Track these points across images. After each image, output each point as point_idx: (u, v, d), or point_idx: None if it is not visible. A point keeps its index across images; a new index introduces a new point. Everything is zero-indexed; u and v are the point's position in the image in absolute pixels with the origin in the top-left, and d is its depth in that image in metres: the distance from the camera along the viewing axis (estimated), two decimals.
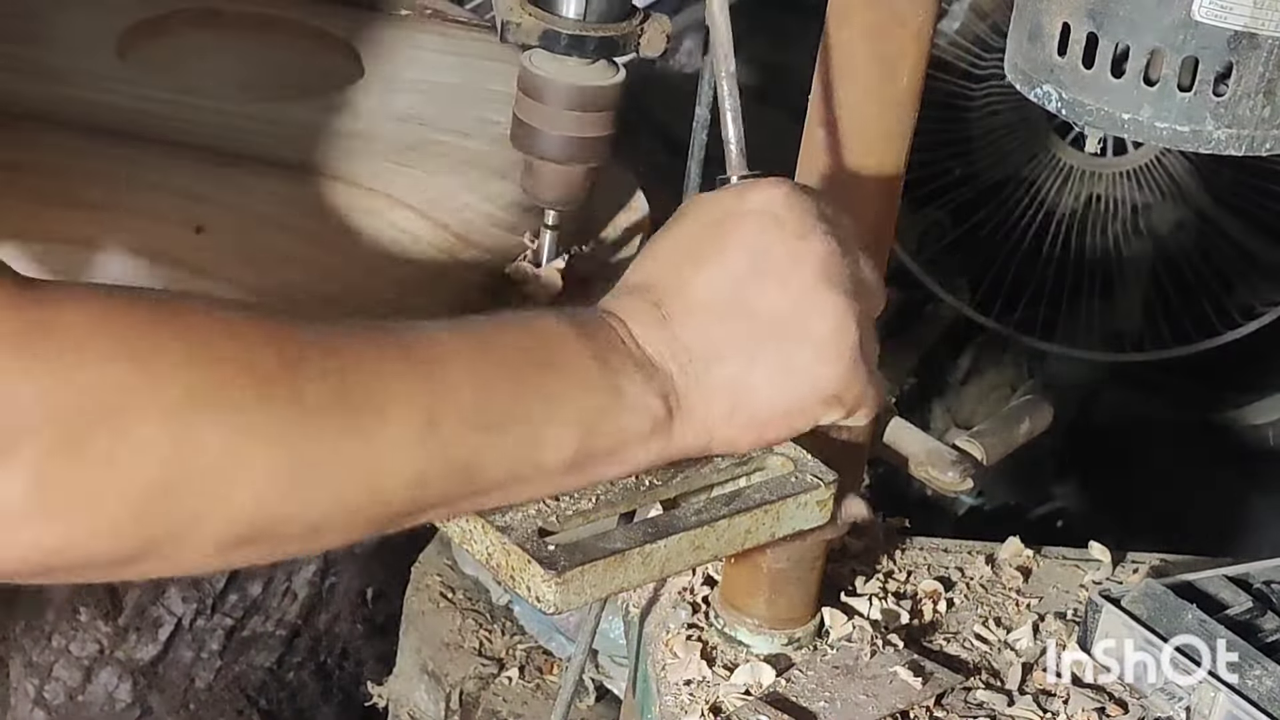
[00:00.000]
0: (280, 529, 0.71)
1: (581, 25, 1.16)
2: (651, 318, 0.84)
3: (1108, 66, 0.92)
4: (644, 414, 0.82)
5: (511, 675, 1.63)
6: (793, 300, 0.84)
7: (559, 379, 0.79)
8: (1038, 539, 1.30)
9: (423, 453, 0.73)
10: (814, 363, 0.85)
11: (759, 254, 0.84)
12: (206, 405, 0.66)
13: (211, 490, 0.67)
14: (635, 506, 0.94)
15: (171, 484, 0.66)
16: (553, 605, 0.87)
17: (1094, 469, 2.07)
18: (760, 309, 0.84)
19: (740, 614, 1.15)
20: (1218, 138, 0.92)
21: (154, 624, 2.06)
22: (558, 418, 0.79)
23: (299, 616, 2.09)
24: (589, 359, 0.80)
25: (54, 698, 2.05)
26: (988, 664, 1.17)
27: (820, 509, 0.97)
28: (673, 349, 0.83)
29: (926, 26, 1.01)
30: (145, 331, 0.67)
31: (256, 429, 0.68)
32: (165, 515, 0.67)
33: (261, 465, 0.68)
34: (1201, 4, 0.89)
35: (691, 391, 0.83)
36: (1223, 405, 2.12)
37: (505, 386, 0.77)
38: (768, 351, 0.84)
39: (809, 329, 0.85)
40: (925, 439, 1.13)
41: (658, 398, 0.82)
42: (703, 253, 0.85)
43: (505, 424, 0.77)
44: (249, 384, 0.68)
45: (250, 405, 0.68)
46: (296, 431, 0.69)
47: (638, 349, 0.82)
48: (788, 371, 0.85)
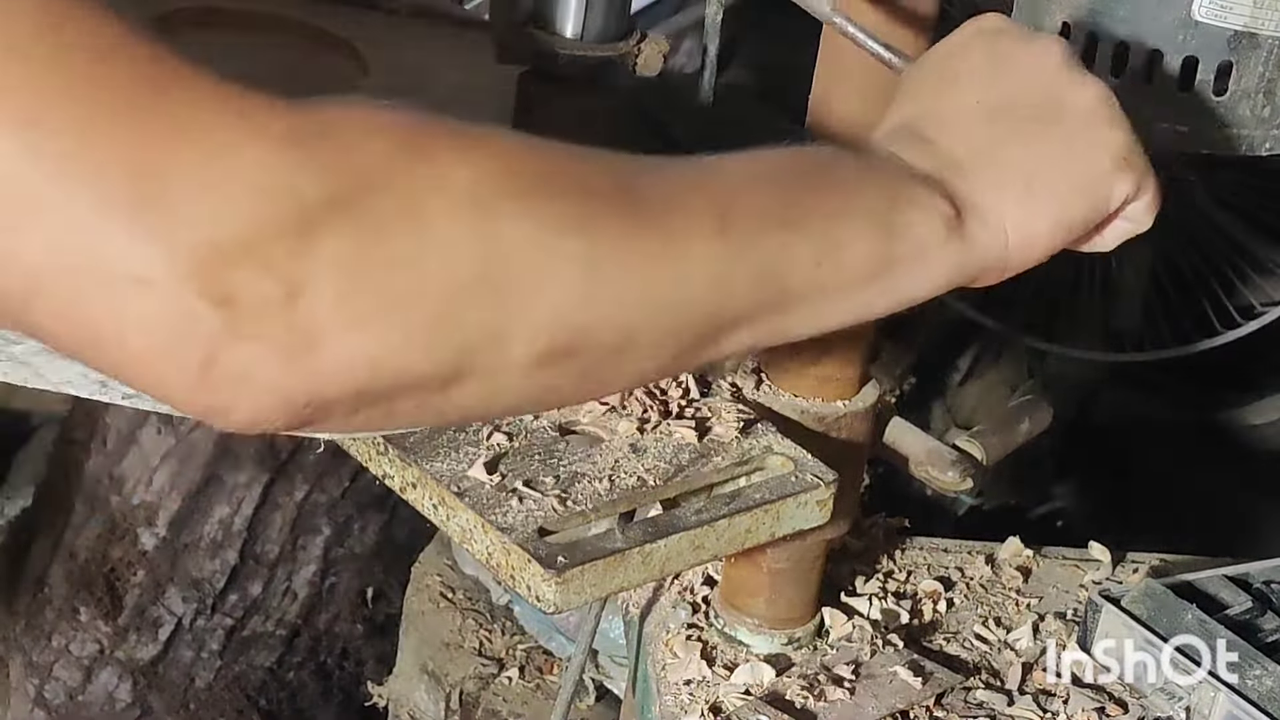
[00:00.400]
0: (594, 336, 0.67)
1: (578, 45, 1.16)
2: (913, 143, 0.82)
3: (1108, 66, 0.93)
4: (934, 213, 0.78)
5: (511, 675, 1.63)
6: (1047, 85, 0.83)
7: (844, 183, 0.77)
8: (1038, 539, 1.30)
9: (720, 248, 0.71)
10: (1092, 128, 0.83)
11: (997, 58, 0.84)
12: (502, 198, 0.64)
13: (519, 289, 0.64)
14: (635, 506, 0.95)
15: (479, 283, 0.63)
16: (553, 605, 0.87)
17: (1094, 469, 2.06)
18: (1018, 101, 0.83)
19: (740, 614, 1.15)
20: (1218, 138, 0.92)
21: (154, 624, 2.06)
22: (851, 216, 0.76)
23: (299, 616, 2.09)
24: (867, 170, 0.79)
25: (54, 698, 2.05)
26: (988, 664, 1.17)
27: (820, 509, 0.97)
28: (942, 161, 0.80)
29: (927, 26, 1.01)
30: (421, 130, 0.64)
31: (554, 222, 0.65)
32: (477, 318, 0.63)
33: (564, 260, 0.65)
34: (1201, 4, 0.89)
35: (975, 189, 0.80)
36: (1223, 405, 2.12)
37: (794, 187, 0.75)
38: (1041, 132, 0.82)
39: (1073, 103, 0.83)
40: (925, 439, 1.13)
41: (944, 200, 0.79)
42: (944, 80, 0.85)
43: (800, 220, 0.74)
44: (533, 178, 0.65)
45: (543, 199, 0.65)
46: (593, 225, 0.66)
47: (911, 168, 0.80)
48: (1069, 142, 0.83)
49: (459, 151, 0.64)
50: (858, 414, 1.09)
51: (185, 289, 0.58)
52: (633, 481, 0.95)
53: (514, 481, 0.94)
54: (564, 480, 0.95)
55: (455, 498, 0.93)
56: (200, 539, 2.06)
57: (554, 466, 0.96)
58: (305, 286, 0.59)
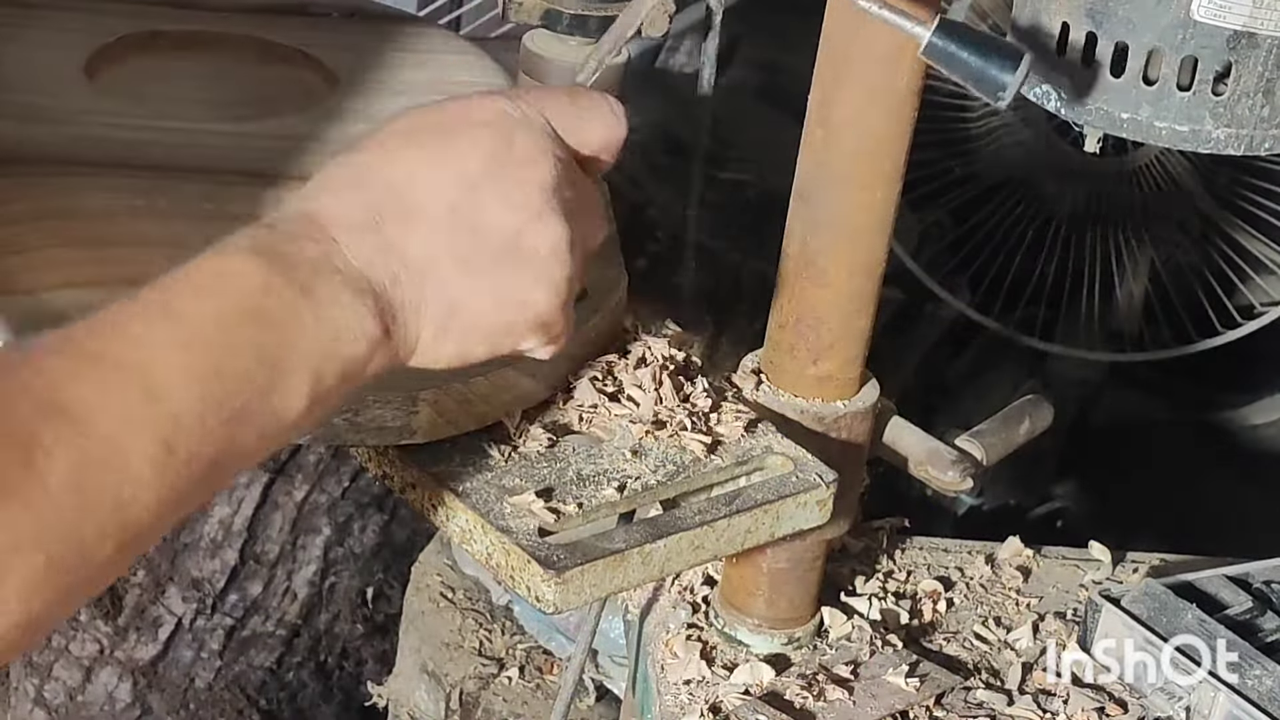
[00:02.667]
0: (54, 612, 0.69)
1: (584, 4, 1.16)
2: (367, 222, 0.80)
3: (1107, 66, 0.92)
4: (363, 340, 0.79)
5: (511, 675, 1.63)
6: (519, 220, 0.83)
7: (274, 339, 0.76)
8: (1038, 539, 1.30)
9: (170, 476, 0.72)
10: (531, 286, 0.84)
11: (489, 168, 0.83)
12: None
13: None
14: (635, 506, 0.95)
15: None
16: (553, 605, 0.87)
17: (1094, 469, 2.07)
18: (485, 224, 0.82)
19: (740, 614, 1.15)
20: (1217, 137, 0.92)
21: (154, 624, 2.06)
22: (285, 383, 0.76)
23: (299, 616, 2.09)
24: (297, 297, 0.77)
25: (54, 698, 2.05)
26: (988, 664, 1.17)
27: (820, 509, 0.97)
28: (386, 259, 0.80)
29: None
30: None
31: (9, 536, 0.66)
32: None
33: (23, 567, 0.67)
34: (1201, 3, 0.89)
35: (405, 305, 0.81)
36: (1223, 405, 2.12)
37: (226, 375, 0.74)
38: (487, 267, 0.83)
39: (532, 250, 0.83)
40: (925, 439, 1.13)
41: (373, 318, 0.79)
42: (434, 156, 0.83)
43: (239, 416, 0.74)
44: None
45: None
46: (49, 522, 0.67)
47: (346, 264, 0.79)
48: (505, 291, 0.83)
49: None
50: (858, 414, 1.09)
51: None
52: (633, 482, 0.95)
53: (514, 482, 0.94)
54: (564, 481, 0.95)
55: (455, 498, 0.93)
56: (200, 539, 2.06)
57: (554, 467, 0.96)
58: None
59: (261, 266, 0.77)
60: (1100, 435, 2.05)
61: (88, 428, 0.69)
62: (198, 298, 0.76)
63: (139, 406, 0.71)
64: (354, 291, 0.79)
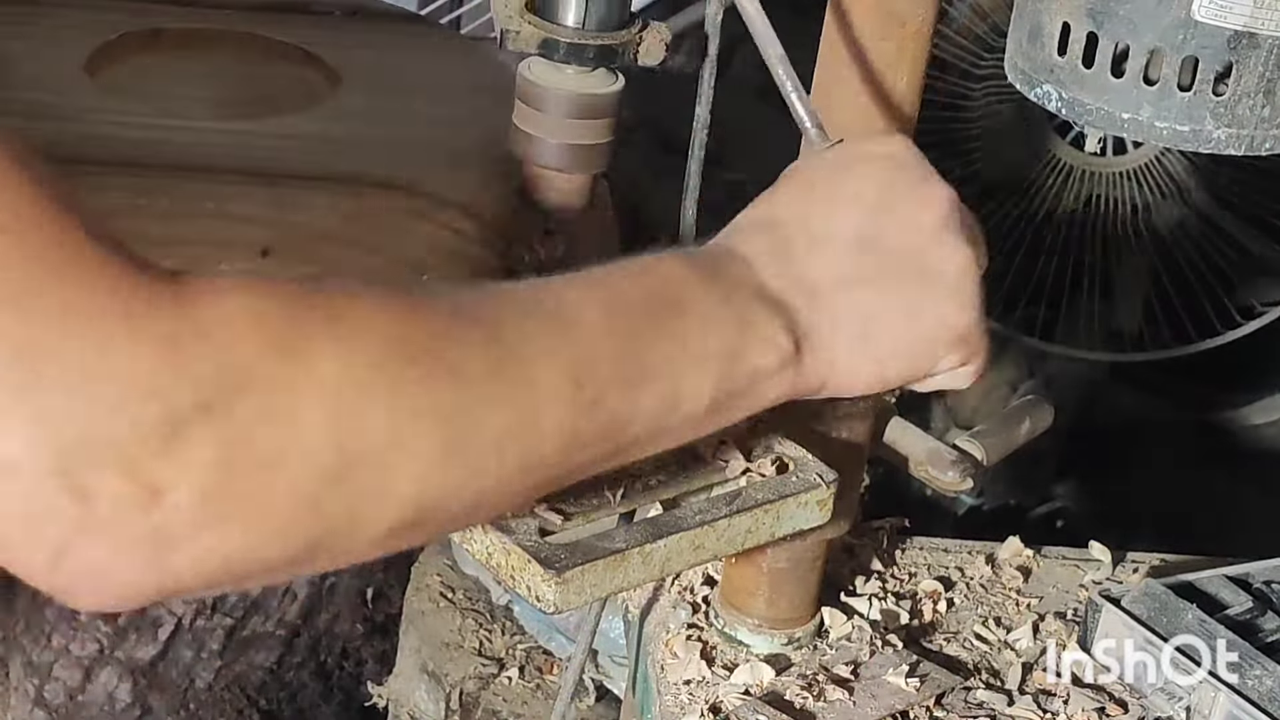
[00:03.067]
0: (445, 506, 0.69)
1: (580, 33, 1.16)
2: (777, 251, 0.83)
3: (1107, 66, 0.92)
4: (773, 351, 0.81)
5: (511, 675, 1.63)
6: (923, 240, 0.84)
7: (689, 324, 0.79)
8: (1038, 539, 1.30)
9: (572, 413, 0.73)
10: (943, 301, 0.85)
11: (887, 193, 0.85)
12: (365, 387, 0.65)
13: (378, 475, 0.65)
14: (635, 506, 0.95)
15: (339, 473, 0.64)
16: (553, 605, 0.87)
17: (1094, 469, 2.07)
18: (890, 245, 0.84)
19: (740, 614, 1.15)
20: (1217, 137, 0.92)
21: (154, 624, 2.06)
22: (693, 366, 0.78)
23: (299, 616, 2.09)
24: (716, 301, 0.80)
25: (54, 698, 2.05)
26: (988, 664, 1.17)
27: (820, 509, 0.97)
28: (800, 284, 0.82)
29: (926, 26, 1.01)
30: (293, 321, 0.65)
31: (414, 406, 0.66)
32: (335, 507, 0.65)
33: (424, 443, 0.67)
34: (1201, 3, 0.89)
35: (819, 325, 0.82)
36: (1223, 405, 2.12)
37: (640, 337, 0.77)
38: (897, 286, 0.84)
39: (939, 269, 0.84)
40: (925, 439, 1.13)
41: (785, 333, 0.81)
42: (831, 191, 0.85)
43: (645, 377, 0.76)
44: (402, 362, 0.67)
45: (406, 382, 0.66)
46: (452, 405, 0.68)
47: (763, 285, 0.82)
48: (917, 307, 0.85)
49: (329, 342, 0.65)
50: (858, 414, 1.09)
51: (47, 481, 0.59)
52: (633, 481, 0.95)
53: None
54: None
55: None
56: None
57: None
58: (166, 490, 0.60)
59: (688, 268, 0.81)
60: (1100, 435, 2.05)
61: (509, 347, 0.71)
62: (625, 276, 0.79)
63: (554, 338, 0.73)
64: (770, 308, 0.81)
